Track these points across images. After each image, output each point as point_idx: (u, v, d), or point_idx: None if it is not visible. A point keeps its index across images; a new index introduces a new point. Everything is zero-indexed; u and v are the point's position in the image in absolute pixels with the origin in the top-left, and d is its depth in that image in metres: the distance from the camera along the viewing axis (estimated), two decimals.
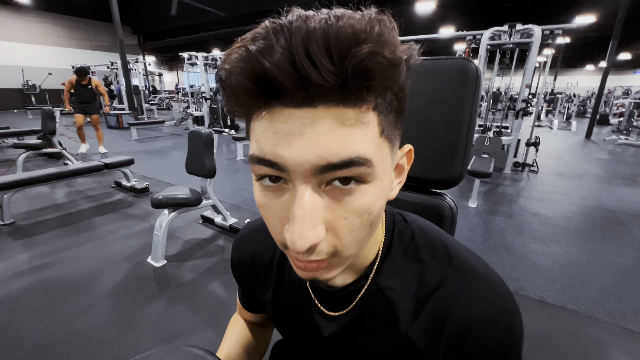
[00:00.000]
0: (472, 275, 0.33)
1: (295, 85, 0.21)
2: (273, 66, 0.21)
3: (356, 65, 0.21)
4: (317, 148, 0.23)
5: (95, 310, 1.61)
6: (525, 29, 3.96)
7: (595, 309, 1.70)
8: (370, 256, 0.36)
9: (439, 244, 0.36)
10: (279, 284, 0.45)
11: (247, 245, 0.48)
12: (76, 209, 2.91)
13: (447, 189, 0.65)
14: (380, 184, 0.26)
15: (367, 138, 0.24)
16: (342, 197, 0.25)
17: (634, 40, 13.46)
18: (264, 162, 0.25)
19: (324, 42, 0.20)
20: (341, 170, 0.24)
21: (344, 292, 0.37)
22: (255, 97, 0.23)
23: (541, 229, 2.66)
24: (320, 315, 0.41)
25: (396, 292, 0.35)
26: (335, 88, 0.22)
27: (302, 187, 0.24)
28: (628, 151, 6.23)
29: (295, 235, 0.24)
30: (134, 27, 16.04)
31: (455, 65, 0.60)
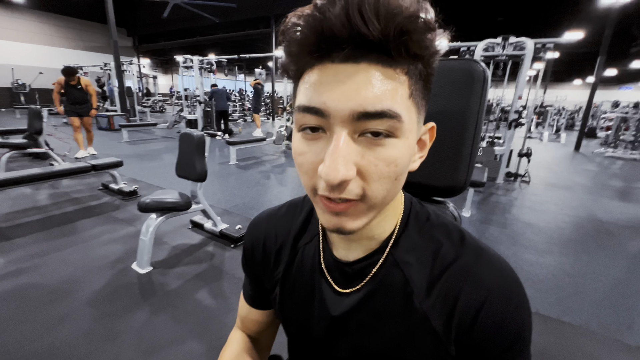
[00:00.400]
0: (484, 255, 0.35)
1: (347, 35, 0.25)
2: (333, 17, 0.25)
3: (398, 25, 0.25)
4: (357, 96, 0.26)
5: (72, 320, 1.51)
6: (518, 41, 4.04)
7: (591, 321, 1.68)
8: (388, 229, 0.37)
9: (453, 226, 0.38)
10: (291, 262, 0.44)
11: (262, 228, 0.48)
12: (59, 211, 2.80)
13: (450, 197, 0.62)
14: (406, 142, 0.29)
15: (399, 96, 0.27)
16: (373, 147, 0.28)
17: (620, 56, 13.93)
18: (309, 110, 0.28)
19: (374, 4, 0.24)
20: (374, 119, 0.27)
21: (358, 266, 0.38)
22: (312, 47, 0.27)
23: (534, 239, 2.65)
24: (332, 291, 0.40)
25: (412, 267, 0.36)
26: (377, 46, 0.26)
27: (340, 131, 0.27)
28: (616, 164, 6.36)
29: (330, 168, 0.26)
30: (130, 29, 15.94)
31: (460, 66, 0.58)
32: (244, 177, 4.24)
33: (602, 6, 7.65)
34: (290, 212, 0.47)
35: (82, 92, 4.68)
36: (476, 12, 10.12)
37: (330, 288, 0.40)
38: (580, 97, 19.15)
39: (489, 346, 0.32)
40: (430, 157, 0.59)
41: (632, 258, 2.39)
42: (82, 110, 4.73)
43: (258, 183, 4.00)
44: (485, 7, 9.66)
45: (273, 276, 0.46)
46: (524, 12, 9.74)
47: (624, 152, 7.13)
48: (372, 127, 0.27)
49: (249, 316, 0.54)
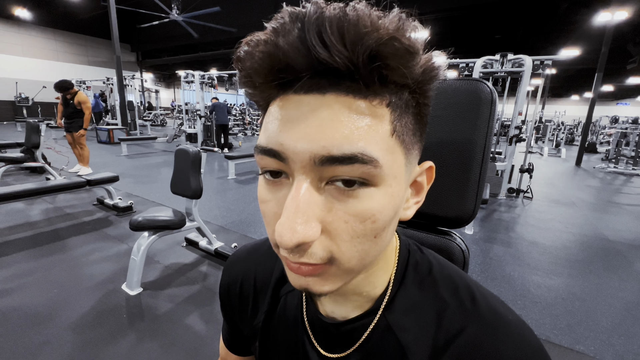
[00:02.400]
0: (501, 323, 0.28)
1: (306, 65, 0.21)
2: (286, 44, 0.21)
3: (369, 50, 0.20)
4: (319, 136, 0.21)
5: (53, 347, 1.42)
6: (517, 58, 4.07)
7: (606, 350, 1.58)
8: (380, 286, 0.31)
9: (461, 281, 0.31)
10: (272, 311, 0.39)
11: (240, 267, 0.43)
12: (50, 227, 2.72)
13: (457, 228, 0.56)
14: (389, 191, 0.24)
15: (376, 134, 0.22)
16: (344, 198, 0.23)
17: (616, 73, 14.14)
18: (267, 152, 0.24)
19: (337, 25, 0.20)
20: (343, 165, 0.22)
21: (346, 328, 0.32)
22: (269, 79, 0.23)
23: (541, 258, 2.56)
24: (317, 354, 0.34)
25: (410, 334, 0.29)
26: (346, 74, 0.21)
27: (300, 179, 0.23)
28: (618, 179, 6.30)
29: (284, 227, 0.21)
30: (134, 45, 16.30)
31: (466, 87, 0.53)
32: (242, 192, 4.18)
33: (598, 24, 7.80)
34: (272, 250, 0.42)
35: (73, 108, 4.45)
36: (474, 30, 10.34)
37: (314, 351, 0.34)
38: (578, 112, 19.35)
39: None
40: (436, 185, 0.53)
41: None
42: (70, 126, 4.50)
43: (257, 198, 3.94)
44: (483, 25, 9.87)
45: (252, 325, 0.41)
46: (520, 30, 9.94)
47: (626, 168, 7.09)
48: (342, 174, 0.22)
49: (230, 357, 0.49)
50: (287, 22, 0.21)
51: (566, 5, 7.96)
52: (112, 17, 8.02)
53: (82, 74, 13.94)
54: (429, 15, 8.63)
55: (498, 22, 9.49)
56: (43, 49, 14.04)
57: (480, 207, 3.34)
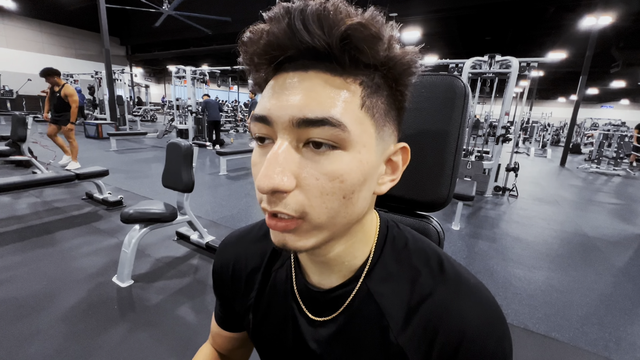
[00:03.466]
0: (464, 284, 0.33)
1: (293, 45, 0.26)
2: (278, 30, 0.26)
3: (341, 34, 0.24)
4: (298, 102, 0.26)
5: (43, 338, 1.43)
6: (504, 59, 4.17)
7: (579, 337, 1.67)
8: (361, 256, 0.35)
9: (432, 253, 0.35)
10: (263, 288, 0.42)
11: (232, 250, 0.46)
12: (39, 221, 2.69)
13: (433, 212, 0.61)
14: (357, 156, 0.27)
15: (346, 105, 0.26)
16: (316, 158, 0.26)
17: (601, 77, 14.56)
18: (257, 119, 0.28)
19: (317, 14, 0.24)
20: (315, 127, 0.25)
21: (331, 295, 0.35)
22: (266, 59, 0.28)
23: (523, 253, 2.66)
24: (306, 320, 0.37)
25: (387, 299, 0.34)
26: (325, 56, 0.26)
27: (280, 138, 0.27)
28: (600, 179, 6.53)
29: (262, 174, 0.25)
30: (123, 39, 15.95)
31: (442, 81, 0.57)
32: (234, 188, 4.19)
33: (583, 29, 8.03)
34: (261, 234, 0.45)
35: (61, 101, 4.33)
36: (465, 31, 10.49)
37: (304, 316, 0.38)
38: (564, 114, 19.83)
39: None
40: (413, 171, 0.58)
41: (618, 274, 2.42)
42: (59, 119, 4.41)
43: (248, 194, 3.95)
44: (474, 27, 10.03)
45: (245, 302, 0.44)
46: (510, 32, 10.14)
47: (607, 168, 7.34)
48: (314, 135, 0.26)
49: (220, 335, 0.52)
50: (279, 13, 0.26)
51: (553, 10, 8.16)
52: (102, 9, 7.86)
53: (69, 67, 13.60)
54: (421, 16, 8.73)
55: (488, 24, 9.66)
56: (28, 41, 13.64)
57: (467, 204, 3.45)
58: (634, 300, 2.06)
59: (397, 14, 8.73)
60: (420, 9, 8.32)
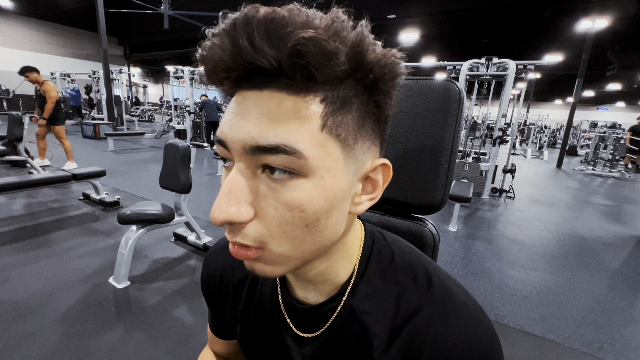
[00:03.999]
0: (451, 303, 0.30)
1: (239, 65, 0.23)
2: (223, 49, 0.23)
3: (289, 50, 0.21)
4: (250, 127, 0.24)
5: (40, 339, 1.42)
6: (501, 62, 4.20)
7: (574, 338, 1.68)
8: (344, 273, 0.34)
9: (420, 267, 0.34)
10: (249, 301, 0.41)
11: (218, 261, 0.45)
12: (35, 222, 2.68)
13: (429, 215, 0.61)
14: (320, 183, 0.25)
15: (303, 128, 0.24)
16: (275, 186, 0.24)
17: (597, 79, 14.68)
18: (218, 141, 0.26)
19: (265, 26, 0.21)
20: (269, 155, 0.23)
21: (317, 312, 0.34)
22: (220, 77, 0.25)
23: (519, 255, 2.68)
24: (291, 336, 0.37)
25: (371, 316, 0.32)
26: (275, 72, 0.22)
27: (237, 165, 0.25)
28: (595, 181, 6.57)
29: (215, 205, 0.24)
30: (121, 39, 15.92)
31: (438, 86, 0.58)
32: None
33: (579, 32, 8.10)
34: None
35: (42, 98, 4.16)
36: (462, 33, 10.55)
37: (289, 332, 0.37)
38: (561, 116, 19.97)
39: None
40: (409, 174, 0.59)
41: (613, 275, 2.44)
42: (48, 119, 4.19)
43: None
44: (471, 29, 10.08)
45: (233, 313, 0.44)
46: (507, 34, 10.21)
47: (603, 170, 7.39)
48: (269, 162, 0.24)
49: (216, 342, 0.52)
50: (223, 27, 0.23)
51: (550, 13, 8.22)
52: (100, 9, 7.84)
53: (66, 66, 13.54)
54: (419, 18, 8.77)
55: (485, 27, 9.72)
56: (26, 40, 13.57)
57: (464, 206, 3.46)
58: (628, 301, 2.07)
59: (395, 15, 8.78)
60: (419, 11, 8.37)
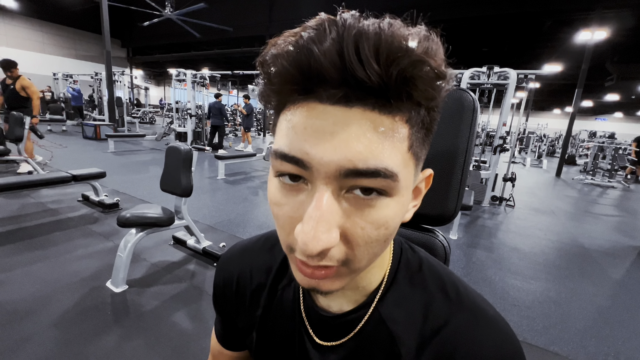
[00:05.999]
0: (481, 316, 0.31)
1: (338, 77, 0.21)
2: (321, 53, 0.20)
3: (402, 71, 0.21)
4: (346, 150, 0.22)
5: (35, 343, 1.39)
6: (502, 71, 4.23)
7: (578, 351, 1.66)
8: (374, 282, 0.33)
9: (447, 278, 0.34)
10: (269, 306, 0.40)
11: (236, 264, 0.44)
12: (32, 223, 2.65)
13: (440, 226, 0.60)
14: (401, 200, 0.25)
15: (397, 150, 0.23)
16: (362, 207, 0.24)
17: (595, 89, 14.80)
18: (289, 159, 0.24)
19: (374, 42, 0.20)
20: (366, 178, 0.23)
21: (341, 320, 0.34)
22: (295, 85, 0.23)
23: (520, 264, 2.66)
24: (312, 345, 0.36)
25: (400, 325, 0.32)
26: (375, 90, 0.21)
27: (322, 188, 0.23)
28: (595, 191, 6.58)
29: (308, 236, 0.22)
30: (124, 41, 15.99)
31: (451, 95, 0.57)
32: (232, 193, 4.17)
33: (579, 42, 8.18)
34: (267, 247, 0.43)
35: (15, 94, 3.98)
36: (463, 42, 10.65)
37: (310, 340, 0.36)
38: (559, 125, 20.08)
39: None
40: None
41: (616, 286, 2.42)
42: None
43: (246, 199, 3.93)
44: (471, 38, 10.18)
45: (249, 319, 0.42)
46: (507, 44, 10.30)
47: (602, 180, 7.41)
48: (363, 185, 0.23)
49: (222, 353, 0.50)
50: (323, 30, 0.21)
51: (550, 23, 8.31)
52: (104, 11, 7.89)
53: (69, 67, 13.58)
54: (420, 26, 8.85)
55: (486, 36, 9.81)
56: (29, 40, 13.62)
57: (465, 214, 3.45)
58: (631, 313, 2.06)
59: None
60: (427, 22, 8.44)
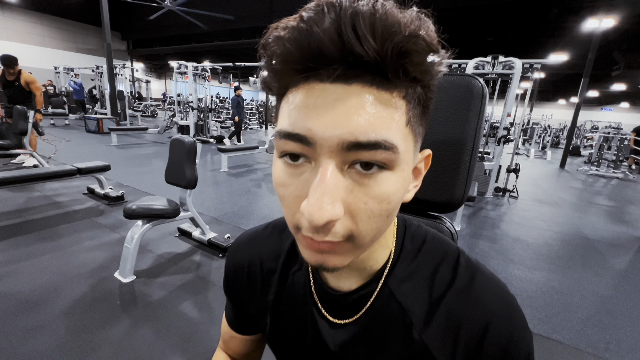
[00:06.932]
0: (479, 274, 0.34)
1: (337, 54, 0.22)
2: (321, 32, 0.21)
3: (397, 45, 0.22)
4: (347, 124, 0.23)
5: (46, 332, 1.43)
6: (507, 61, 4.16)
7: (580, 339, 1.68)
8: (381, 260, 0.35)
9: (450, 248, 0.36)
10: (280, 291, 0.41)
11: (245, 252, 0.45)
12: (39, 215, 2.69)
13: (447, 213, 0.61)
14: (402, 175, 0.26)
15: (395, 124, 0.24)
16: (364, 181, 0.25)
17: (602, 79, 14.58)
18: (292, 137, 0.25)
19: (369, 20, 0.21)
20: (367, 151, 0.23)
21: (352, 297, 0.35)
22: (296, 64, 0.23)
23: (523, 254, 2.67)
24: (327, 323, 0.37)
25: (408, 297, 0.34)
26: (372, 66, 0.22)
27: (326, 162, 0.24)
28: (599, 182, 6.55)
29: (314, 207, 0.23)
30: (124, 33, 15.87)
31: (460, 81, 0.57)
32: (235, 185, 4.19)
33: (585, 31, 8.02)
34: (275, 234, 0.44)
35: (19, 90, 4.03)
36: (467, 31, 10.47)
37: (324, 319, 0.38)
38: (564, 116, 19.86)
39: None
40: (429, 172, 0.58)
41: (617, 276, 2.43)
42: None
43: (249, 191, 3.95)
44: (476, 27, 10.01)
45: (261, 304, 0.43)
46: (512, 33, 10.12)
47: (607, 171, 7.36)
48: (365, 158, 0.24)
49: (233, 338, 0.51)
50: (321, 12, 0.22)
51: (556, 11, 8.14)
52: (104, 3, 7.81)
53: (69, 61, 13.54)
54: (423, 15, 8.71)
55: (491, 25, 9.64)
56: (29, 34, 13.55)
57: (468, 205, 3.45)
58: (633, 302, 2.07)
59: None
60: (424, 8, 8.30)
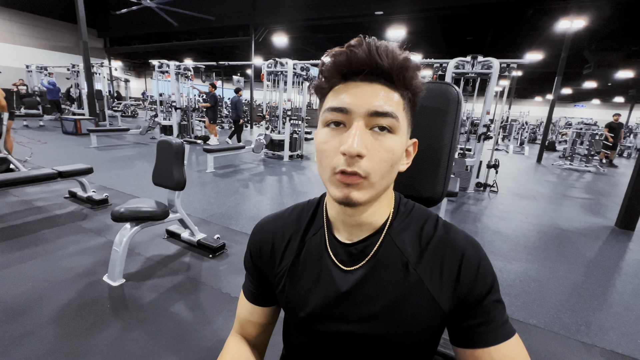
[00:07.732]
0: (452, 228, 0.48)
1: (368, 63, 0.39)
2: (361, 52, 0.38)
3: (399, 63, 0.39)
4: (371, 101, 0.39)
5: (33, 339, 1.41)
6: (486, 60, 4.32)
7: (554, 323, 1.80)
8: (383, 217, 0.48)
9: (431, 213, 0.51)
10: (299, 254, 0.51)
11: (271, 227, 0.55)
12: (19, 221, 2.60)
13: (430, 207, 0.66)
14: (401, 139, 0.41)
15: (398, 106, 0.41)
16: (378, 138, 0.39)
17: (574, 77, 15.26)
18: (336, 109, 0.40)
19: (384, 49, 0.39)
20: (382, 117, 0.39)
21: (361, 246, 0.47)
22: (343, 69, 0.40)
23: (503, 246, 2.81)
24: (339, 270, 0.47)
25: (405, 243, 0.46)
26: (385, 74, 0.39)
27: (358, 122, 0.39)
28: (573, 175, 6.89)
29: (351, 144, 0.37)
30: (100, 30, 15.29)
31: (438, 88, 0.63)
32: (222, 186, 4.17)
33: (558, 31, 8.39)
34: (296, 213, 0.55)
35: None
36: (448, 30, 10.72)
37: (336, 267, 0.48)
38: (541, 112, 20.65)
39: (475, 290, 0.42)
40: (412, 170, 0.63)
41: (589, 263, 2.60)
42: None
43: (236, 192, 3.94)
44: (456, 27, 10.26)
45: (279, 270, 0.52)
46: (490, 33, 10.44)
47: (579, 165, 7.75)
48: (379, 122, 0.39)
49: (250, 317, 0.57)
50: (360, 42, 0.39)
51: (531, 12, 8.47)
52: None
53: (43, 59, 12.94)
54: (406, 15, 8.86)
55: (470, 25, 9.91)
56: None
57: (451, 200, 3.56)
58: (602, 287, 2.22)
59: (382, 12, 8.82)
60: (406, 8, 8.44)
